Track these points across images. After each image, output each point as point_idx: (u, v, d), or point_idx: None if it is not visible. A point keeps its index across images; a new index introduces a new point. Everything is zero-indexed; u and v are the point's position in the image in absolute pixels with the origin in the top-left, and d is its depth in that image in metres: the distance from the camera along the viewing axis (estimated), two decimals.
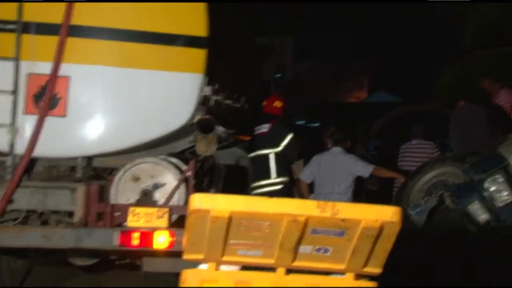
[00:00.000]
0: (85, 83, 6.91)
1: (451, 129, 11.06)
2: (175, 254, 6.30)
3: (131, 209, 6.79)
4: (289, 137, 9.42)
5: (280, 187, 9.27)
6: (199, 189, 7.44)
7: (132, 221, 6.75)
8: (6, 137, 6.78)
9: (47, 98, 6.71)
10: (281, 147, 9.39)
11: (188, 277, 3.55)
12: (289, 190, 9.39)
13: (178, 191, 7.02)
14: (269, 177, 9.35)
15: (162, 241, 6.67)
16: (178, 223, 6.82)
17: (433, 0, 14.20)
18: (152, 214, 6.77)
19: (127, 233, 6.71)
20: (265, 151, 9.44)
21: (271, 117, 9.67)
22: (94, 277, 9.33)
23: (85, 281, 9.26)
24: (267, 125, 9.56)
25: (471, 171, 7.19)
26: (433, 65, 20.89)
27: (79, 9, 6.74)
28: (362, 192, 10.42)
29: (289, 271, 3.57)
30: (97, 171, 7.55)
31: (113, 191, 7.06)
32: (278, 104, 9.85)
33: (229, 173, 9.11)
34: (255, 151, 9.56)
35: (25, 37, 6.78)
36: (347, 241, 3.49)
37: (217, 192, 8.31)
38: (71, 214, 7.09)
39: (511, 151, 7.08)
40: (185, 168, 7.17)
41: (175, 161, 7.32)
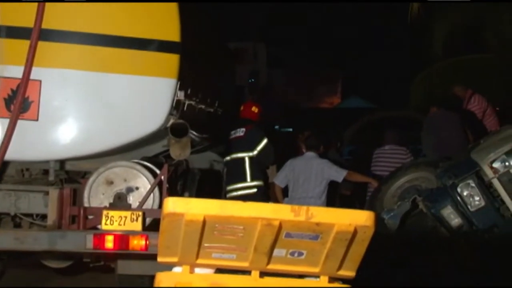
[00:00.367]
0: (57, 87, 6.89)
1: (424, 135, 11.13)
2: (150, 257, 6.30)
3: (105, 212, 6.79)
4: (264, 141, 9.46)
5: (254, 190, 9.30)
6: (173, 193, 7.45)
7: (106, 224, 6.75)
8: None
9: (18, 101, 6.68)
10: (256, 152, 9.42)
11: (162, 280, 3.54)
12: (264, 194, 9.42)
13: (152, 194, 7.02)
14: (244, 181, 9.38)
15: (136, 244, 6.67)
16: (152, 226, 6.82)
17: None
18: (126, 217, 6.77)
19: (100, 236, 6.71)
20: (240, 155, 9.47)
21: (247, 122, 9.70)
22: (68, 279, 9.29)
23: (59, 284, 9.21)
24: (243, 129, 9.59)
25: (444, 176, 7.23)
26: (406, 71, 21.05)
27: (50, 13, 6.71)
28: (336, 196, 10.44)
29: (263, 274, 3.58)
30: (70, 174, 7.53)
31: (86, 195, 7.05)
32: (255, 109, 9.89)
33: (203, 177, 9.11)
34: (230, 155, 9.59)
35: None
36: (321, 245, 3.50)
37: (191, 196, 8.30)
38: (44, 217, 7.07)
39: (482, 157, 7.12)
40: (159, 172, 7.17)
41: (149, 165, 7.31)
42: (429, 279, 7.10)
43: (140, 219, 6.80)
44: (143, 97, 7.01)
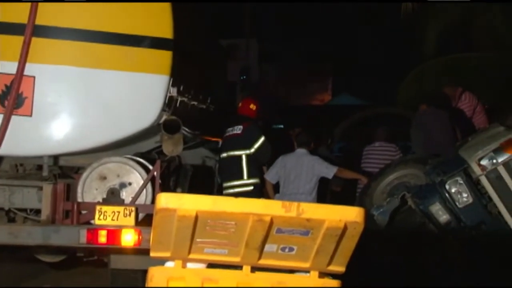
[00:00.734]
0: (50, 83, 6.89)
1: (413, 132, 11.15)
2: (142, 251, 6.33)
3: (98, 207, 6.81)
4: (262, 139, 9.39)
5: (251, 188, 9.26)
6: (166, 188, 7.46)
7: (99, 219, 6.78)
8: None
9: (12, 97, 6.68)
10: (253, 149, 9.35)
11: (155, 275, 3.56)
12: (260, 191, 9.39)
13: (144, 190, 7.04)
14: (240, 178, 9.34)
15: (129, 239, 6.70)
16: (144, 221, 6.84)
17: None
18: (119, 212, 6.79)
19: (94, 230, 6.73)
20: (237, 152, 9.40)
21: (245, 119, 9.61)
22: (62, 274, 9.30)
23: (53, 278, 9.22)
24: (240, 127, 9.49)
25: (433, 173, 7.26)
26: (396, 69, 21.06)
27: (44, 9, 6.71)
28: (326, 192, 10.47)
29: (254, 269, 3.60)
30: (63, 169, 7.53)
31: (79, 190, 7.06)
32: (253, 106, 9.81)
33: (195, 173, 9.12)
34: (227, 152, 9.51)
35: None
36: (312, 240, 3.52)
37: (183, 191, 8.31)
38: (38, 211, 7.08)
39: (471, 154, 7.15)
40: (151, 167, 7.18)
41: (141, 161, 7.33)
42: (418, 276, 7.14)
43: (133, 214, 6.82)
44: (136, 94, 7.02)
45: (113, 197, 6.99)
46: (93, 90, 6.96)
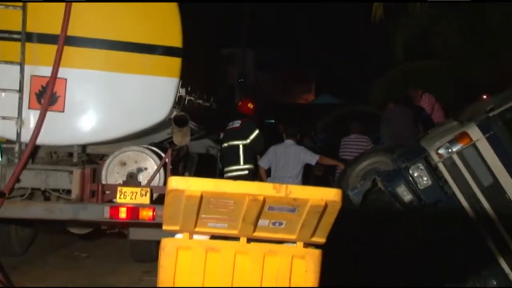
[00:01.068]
0: (80, 84, 6.88)
1: (383, 126, 11.16)
2: (156, 225, 6.32)
3: (119, 188, 6.81)
4: (256, 132, 9.48)
5: (246, 172, 9.34)
6: (175, 173, 7.46)
7: (120, 198, 6.78)
8: (13, 128, 6.75)
9: (47, 96, 6.68)
10: (249, 140, 9.44)
11: (167, 244, 3.53)
12: (254, 175, 9.46)
13: (158, 174, 7.02)
14: (238, 164, 9.41)
15: (145, 214, 6.68)
16: (158, 200, 6.83)
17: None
18: (136, 192, 6.78)
19: (115, 208, 6.72)
20: (236, 142, 9.47)
21: (243, 116, 9.73)
22: (89, 243, 9.29)
23: (82, 246, 9.22)
24: (239, 121, 9.62)
25: (399, 160, 7.24)
26: (369, 73, 21.04)
27: (74, 22, 6.69)
28: (310, 176, 10.47)
29: (250, 240, 3.58)
30: (90, 156, 7.52)
31: (103, 173, 7.05)
32: (250, 105, 9.95)
33: (200, 160, 9.11)
34: (228, 142, 9.59)
35: (28, 45, 6.74)
36: (298, 216, 3.50)
37: (190, 175, 8.31)
38: (69, 191, 7.08)
39: (430, 144, 7.13)
40: (164, 155, 7.16)
41: (155, 149, 7.31)
42: (386, 246, 7.14)
43: (148, 194, 6.81)
44: (151, 93, 7.01)
45: (131, 180, 6.98)
46: (115, 90, 6.94)
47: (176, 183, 3.41)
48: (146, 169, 7.05)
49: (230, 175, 9.34)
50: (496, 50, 15.03)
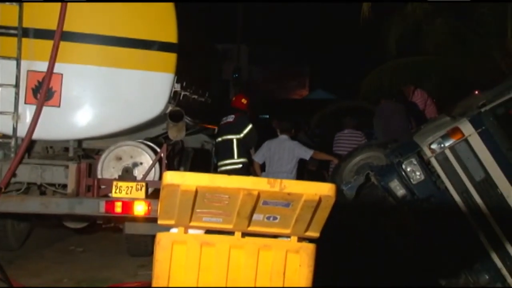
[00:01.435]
0: (76, 79, 6.86)
1: (376, 121, 11.13)
2: (151, 220, 6.32)
3: (115, 183, 6.80)
4: (249, 127, 9.48)
5: (240, 166, 9.33)
6: (171, 167, 7.44)
7: (115, 193, 6.76)
8: (10, 123, 6.73)
9: (43, 91, 6.65)
10: (242, 135, 9.43)
11: (162, 239, 3.52)
12: (247, 169, 9.45)
13: (153, 169, 7.01)
14: (231, 158, 9.40)
15: (140, 209, 6.68)
16: (153, 195, 6.81)
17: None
18: (132, 187, 6.77)
19: (111, 202, 6.71)
20: (229, 137, 9.47)
21: (237, 110, 9.72)
22: (84, 237, 9.28)
23: (77, 240, 9.20)
24: (233, 116, 9.61)
25: (392, 155, 7.23)
26: (362, 68, 21.03)
27: (70, 17, 6.66)
28: (304, 171, 10.47)
29: (244, 235, 3.57)
30: (86, 151, 7.50)
31: (99, 168, 7.03)
32: (244, 100, 9.93)
33: (195, 154, 9.10)
34: (222, 136, 9.60)
35: (25, 41, 6.71)
36: (292, 211, 3.49)
37: (185, 170, 8.29)
38: (64, 186, 7.06)
39: (423, 140, 7.13)
40: (159, 150, 7.15)
41: (151, 144, 7.30)
42: (379, 240, 7.14)
43: (143, 189, 6.80)
44: (147, 88, 6.99)
45: (127, 175, 6.97)
46: (111, 85, 6.93)
47: (171, 177, 3.40)
48: (141, 163, 7.04)
49: (224, 169, 9.35)
50: (486, 49, 15.03)
